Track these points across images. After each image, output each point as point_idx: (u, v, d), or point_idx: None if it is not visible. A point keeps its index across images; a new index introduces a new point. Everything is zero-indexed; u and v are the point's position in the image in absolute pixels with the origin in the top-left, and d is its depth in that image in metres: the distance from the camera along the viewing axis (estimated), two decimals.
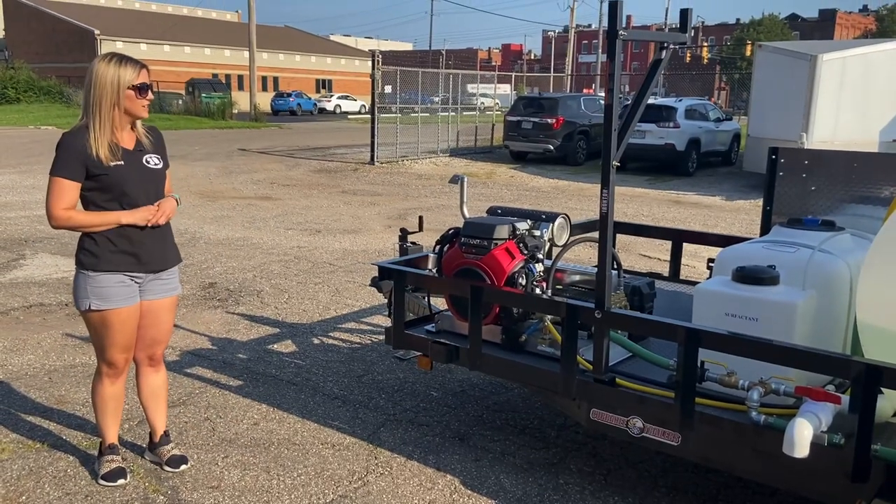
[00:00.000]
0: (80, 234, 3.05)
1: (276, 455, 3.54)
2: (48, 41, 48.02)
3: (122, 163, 2.98)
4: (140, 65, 2.99)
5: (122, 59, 2.97)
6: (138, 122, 3.10)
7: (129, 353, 3.19)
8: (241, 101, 37.76)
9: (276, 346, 5.11)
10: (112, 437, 3.30)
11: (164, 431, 3.42)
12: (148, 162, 3.08)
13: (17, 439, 3.64)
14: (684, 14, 3.05)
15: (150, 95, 3.03)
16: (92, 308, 3.02)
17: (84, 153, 2.92)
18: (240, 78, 49.62)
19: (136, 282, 3.09)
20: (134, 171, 3.01)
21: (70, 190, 2.94)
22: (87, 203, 3.01)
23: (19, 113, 32.36)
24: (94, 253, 3.00)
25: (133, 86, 2.95)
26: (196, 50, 51.44)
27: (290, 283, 6.75)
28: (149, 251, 3.07)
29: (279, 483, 3.29)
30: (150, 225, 3.02)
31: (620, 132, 2.76)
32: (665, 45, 3.00)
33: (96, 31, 46.12)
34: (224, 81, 45.79)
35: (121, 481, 3.21)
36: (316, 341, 5.22)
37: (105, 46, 46.17)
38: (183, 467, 3.35)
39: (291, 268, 7.36)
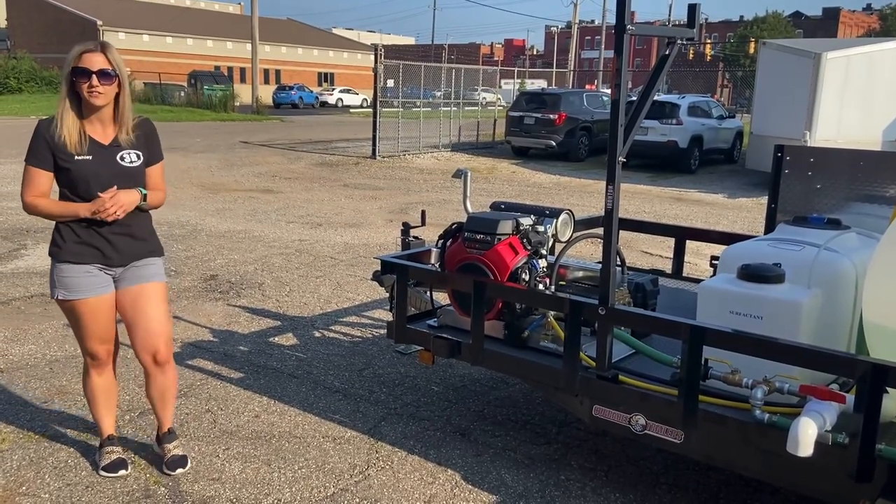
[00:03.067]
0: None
1: (277, 448, 3.54)
2: (50, 31, 47.90)
3: (90, 157, 2.87)
4: (88, 48, 2.82)
5: (84, 42, 2.87)
6: (126, 115, 2.94)
7: (108, 345, 3.12)
8: (243, 93, 37.72)
9: (277, 338, 5.11)
10: (108, 428, 3.29)
11: (169, 428, 3.35)
12: (122, 159, 2.93)
13: (17, 430, 3.63)
14: (692, 9, 3.02)
15: (95, 82, 2.79)
16: (59, 298, 2.98)
17: (51, 141, 2.85)
18: (242, 70, 49.58)
19: (107, 273, 3.01)
20: (102, 168, 2.88)
21: (38, 177, 2.87)
22: (61, 195, 2.94)
23: (21, 103, 32.30)
24: (57, 244, 2.95)
25: (72, 68, 2.81)
26: (198, 42, 51.34)
27: (292, 277, 6.74)
28: (112, 247, 2.96)
29: (280, 476, 3.29)
30: (101, 218, 2.85)
31: (627, 128, 2.75)
32: (672, 40, 2.98)
33: (99, 22, 46.02)
34: (226, 74, 45.76)
35: (122, 472, 3.21)
36: (317, 335, 5.22)
37: (107, 37, 46.03)
38: (179, 471, 3.24)
39: (293, 261, 7.35)
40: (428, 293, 3.90)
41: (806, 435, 2.32)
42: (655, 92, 2.96)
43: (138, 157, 2.99)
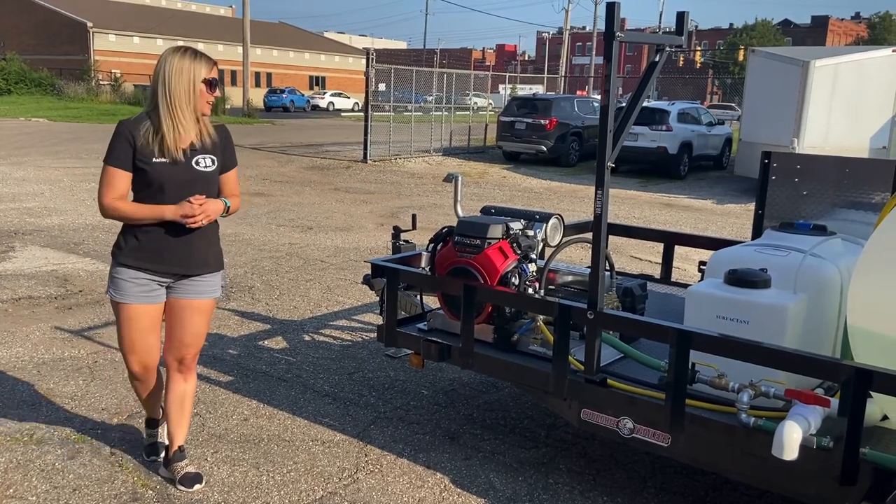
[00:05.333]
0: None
1: (265, 451, 3.53)
2: (40, 32, 47.68)
3: (167, 160, 2.87)
4: (213, 61, 2.96)
5: (197, 54, 2.91)
6: (205, 120, 3.00)
7: (143, 357, 3.06)
8: (234, 96, 37.62)
9: (266, 342, 5.10)
10: (150, 413, 3.39)
11: (180, 446, 3.22)
12: (198, 163, 2.94)
13: (4, 432, 3.61)
14: (680, 17, 3.06)
15: (217, 93, 2.98)
16: (108, 295, 3.03)
17: (134, 142, 2.85)
18: (233, 73, 49.40)
19: (159, 284, 3.00)
20: (178, 171, 2.89)
21: (120, 178, 2.87)
22: (135, 198, 2.95)
23: (10, 104, 32.14)
24: (119, 245, 2.98)
25: (205, 79, 2.89)
26: (189, 44, 51.08)
27: (282, 280, 6.73)
28: (169, 253, 2.95)
29: (269, 479, 3.28)
30: (187, 223, 2.88)
31: (616, 134, 2.77)
32: (661, 47, 3.01)
33: (89, 24, 45.83)
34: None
35: (152, 457, 3.35)
36: (307, 338, 5.21)
37: (97, 39, 45.90)
38: (196, 487, 3.15)
39: (283, 264, 7.34)
40: (418, 297, 3.91)
41: (791, 438, 2.35)
42: (645, 98, 2.98)
43: (213, 161, 3.00)
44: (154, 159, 2.85)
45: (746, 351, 2.53)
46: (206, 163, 2.97)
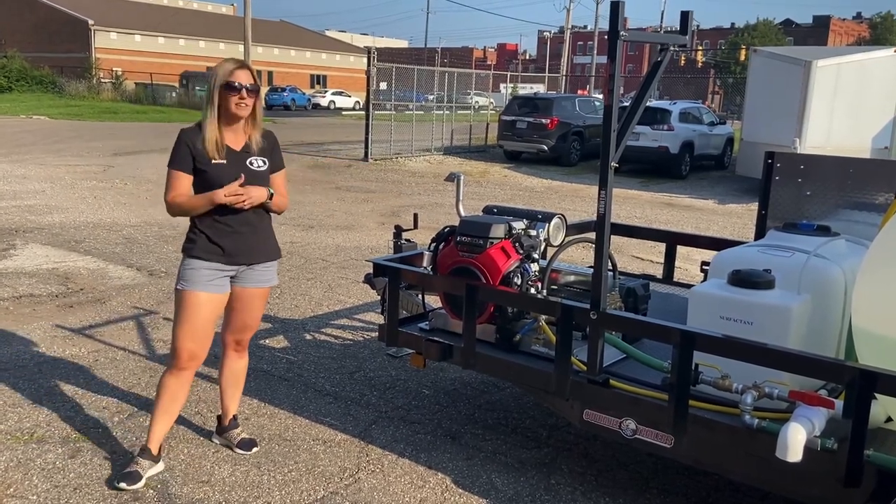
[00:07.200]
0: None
1: (266, 450, 3.53)
2: (41, 30, 47.68)
3: (224, 162, 3.11)
4: (238, 65, 3.12)
5: (230, 60, 3.17)
6: (259, 124, 3.24)
7: (194, 347, 3.17)
8: None
9: (267, 341, 5.09)
10: (155, 435, 3.23)
11: (234, 416, 3.57)
12: (251, 164, 3.19)
13: (4, 430, 3.61)
14: (685, 16, 3.04)
15: (244, 95, 3.08)
16: (178, 287, 3.21)
17: (192, 147, 3.10)
18: None
19: (227, 274, 3.22)
20: (234, 171, 3.11)
21: (181, 180, 3.12)
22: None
23: (11, 102, 32.14)
24: (191, 240, 3.20)
25: (224, 83, 3.06)
26: (190, 42, 51.19)
27: (283, 279, 6.72)
28: (236, 246, 3.19)
29: (270, 479, 3.27)
30: (232, 203, 3.07)
31: (619, 133, 2.76)
32: (665, 46, 3.00)
33: (90, 22, 45.82)
34: None
35: (122, 484, 3.09)
36: (308, 337, 5.20)
37: (99, 37, 45.90)
38: (254, 450, 3.49)
39: (284, 263, 7.32)
40: (420, 296, 3.90)
41: (795, 440, 2.34)
42: (648, 98, 2.97)
43: (264, 162, 3.26)
44: (213, 161, 3.10)
45: (750, 352, 2.52)
46: (258, 163, 3.23)
